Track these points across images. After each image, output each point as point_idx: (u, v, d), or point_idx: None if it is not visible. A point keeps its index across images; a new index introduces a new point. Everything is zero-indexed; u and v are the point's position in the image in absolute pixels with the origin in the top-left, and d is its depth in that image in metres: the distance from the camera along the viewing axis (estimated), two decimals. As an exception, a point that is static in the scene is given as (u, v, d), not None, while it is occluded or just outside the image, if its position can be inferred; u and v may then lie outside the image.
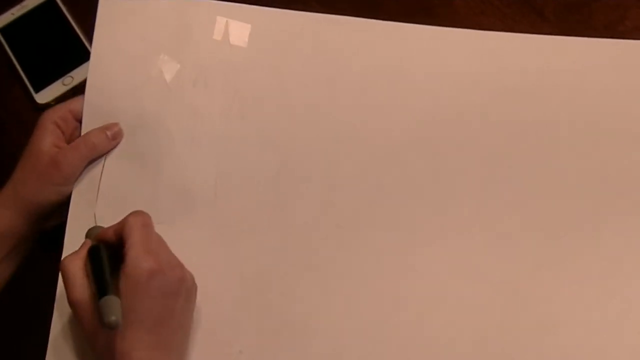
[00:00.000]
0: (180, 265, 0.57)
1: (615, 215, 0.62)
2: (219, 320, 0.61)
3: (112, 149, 0.64)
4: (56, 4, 0.79)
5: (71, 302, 0.55)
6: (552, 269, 0.61)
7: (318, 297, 0.61)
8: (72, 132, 0.64)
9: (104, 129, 0.64)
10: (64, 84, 0.76)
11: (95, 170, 0.64)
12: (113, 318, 0.51)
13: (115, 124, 0.64)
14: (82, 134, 0.64)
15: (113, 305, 0.52)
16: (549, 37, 0.66)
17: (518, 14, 0.72)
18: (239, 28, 0.67)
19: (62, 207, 0.63)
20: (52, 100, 0.76)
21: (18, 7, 0.79)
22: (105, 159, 0.64)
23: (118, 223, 0.57)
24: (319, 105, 0.66)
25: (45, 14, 0.79)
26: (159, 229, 0.58)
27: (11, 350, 0.69)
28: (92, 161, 0.64)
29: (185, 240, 0.62)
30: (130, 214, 0.57)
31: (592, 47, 0.66)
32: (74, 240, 0.61)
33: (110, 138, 0.63)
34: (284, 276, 0.62)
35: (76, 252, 0.57)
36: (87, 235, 0.60)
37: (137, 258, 0.54)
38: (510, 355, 0.59)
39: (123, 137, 0.64)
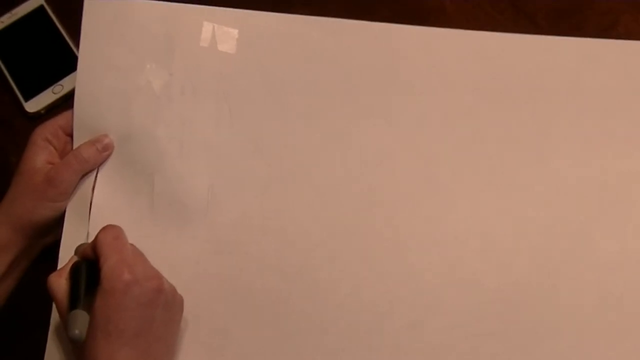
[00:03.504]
0: (157, 276, 0.56)
1: (610, 220, 0.62)
2: (210, 331, 0.61)
3: (104, 161, 0.64)
4: (46, 12, 0.78)
5: (60, 316, 0.57)
6: (547, 274, 0.61)
7: (311, 306, 0.61)
8: (64, 146, 0.64)
9: (94, 142, 0.63)
10: (53, 93, 0.76)
11: (88, 185, 0.64)
12: (76, 332, 0.53)
13: (105, 136, 0.64)
14: (74, 147, 0.64)
15: (78, 320, 0.54)
16: (544, 37, 0.66)
17: (510, 20, 0.72)
18: (226, 34, 0.66)
19: (60, 223, 0.63)
20: (42, 109, 0.75)
21: (8, 15, 0.78)
22: (97, 173, 0.64)
23: (93, 240, 0.57)
24: (310, 111, 0.65)
25: (35, 22, 0.78)
26: (152, 241, 0.58)
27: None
28: (85, 175, 0.63)
29: (178, 251, 0.62)
30: (101, 230, 0.57)
31: (586, 47, 0.66)
32: (68, 256, 0.60)
33: (101, 150, 0.63)
34: (277, 285, 0.61)
35: (61, 268, 0.58)
36: (75, 252, 0.60)
37: (111, 271, 0.54)
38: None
39: (114, 149, 0.64)
